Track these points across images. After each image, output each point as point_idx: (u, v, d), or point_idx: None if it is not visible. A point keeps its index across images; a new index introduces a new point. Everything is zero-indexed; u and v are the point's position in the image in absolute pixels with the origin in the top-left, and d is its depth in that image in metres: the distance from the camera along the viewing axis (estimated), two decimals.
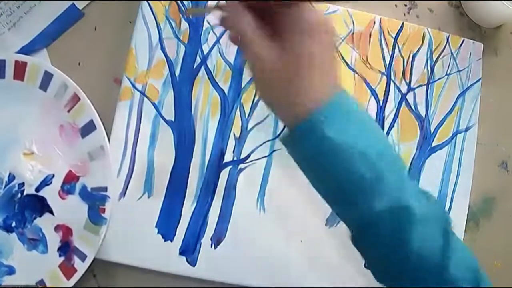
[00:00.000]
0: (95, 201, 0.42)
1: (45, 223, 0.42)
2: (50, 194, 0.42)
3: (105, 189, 0.42)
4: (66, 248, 0.41)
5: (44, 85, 0.42)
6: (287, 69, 0.28)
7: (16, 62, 0.42)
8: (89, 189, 0.42)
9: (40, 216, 0.42)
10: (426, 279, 0.30)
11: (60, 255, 0.41)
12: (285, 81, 0.29)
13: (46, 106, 0.43)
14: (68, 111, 0.42)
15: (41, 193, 0.42)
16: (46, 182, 0.43)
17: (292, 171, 0.45)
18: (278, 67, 0.28)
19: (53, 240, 0.42)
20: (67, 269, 0.41)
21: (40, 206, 0.42)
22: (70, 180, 0.43)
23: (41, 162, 0.43)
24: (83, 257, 0.41)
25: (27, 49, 0.44)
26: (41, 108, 0.43)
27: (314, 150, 0.29)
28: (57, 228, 0.42)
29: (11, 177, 0.42)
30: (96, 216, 0.41)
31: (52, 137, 0.43)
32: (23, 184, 0.42)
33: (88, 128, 0.42)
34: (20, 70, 0.42)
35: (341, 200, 0.31)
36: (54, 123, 0.43)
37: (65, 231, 0.42)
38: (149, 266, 0.42)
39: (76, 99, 0.42)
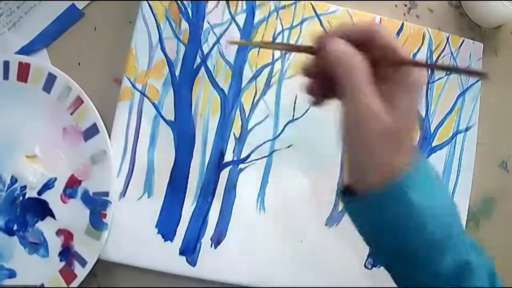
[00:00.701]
0: (97, 206, 0.42)
1: (46, 227, 0.42)
2: (52, 197, 0.42)
3: (107, 194, 0.42)
4: (67, 253, 0.41)
5: (47, 87, 0.42)
6: (395, 129, 0.27)
7: (20, 63, 0.42)
8: (91, 194, 0.42)
9: (42, 219, 0.42)
10: None
11: (61, 260, 0.41)
12: (387, 140, 0.27)
13: (49, 108, 0.43)
14: (71, 113, 0.42)
15: (43, 197, 0.42)
16: (48, 185, 0.42)
17: (292, 171, 0.45)
18: (385, 126, 0.27)
19: (54, 244, 0.42)
20: (68, 274, 0.41)
21: (41, 209, 0.42)
22: (72, 184, 0.42)
23: (44, 165, 0.43)
24: (83, 262, 0.41)
25: (27, 49, 0.44)
26: (44, 110, 0.43)
27: (395, 212, 0.28)
28: (58, 232, 0.42)
29: (13, 180, 0.42)
30: (97, 221, 0.41)
31: (55, 139, 0.43)
32: (25, 187, 0.42)
33: (91, 132, 0.42)
34: (23, 72, 0.42)
35: (406, 258, 0.29)
36: (57, 126, 0.43)
37: (66, 235, 0.42)
38: (149, 266, 0.42)
39: (79, 101, 0.42)
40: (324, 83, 0.31)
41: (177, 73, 0.45)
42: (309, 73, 0.32)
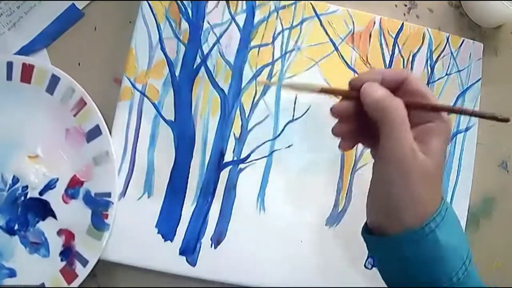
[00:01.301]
0: (98, 206, 0.42)
1: (47, 227, 0.42)
2: (54, 198, 0.42)
3: (109, 194, 0.42)
4: (68, 253, 0.41)
5: (50, 89, 0.42)
6: (433, 171, 0.29)
7: (24, 64, 0.42)
8: (92, 194, 0.42)
9: (43, 219, 0.42)
10: None
11: (61, 260, 0.41)
12: (427, 181, 0.29)
13: (52, 110, 0.42)
14: (74, 115, 0.42)
15: (44, 197, 0.42)
16: (50, 185, 0.42)
17: (292, 171, 0.45)
18: (426, 168, 0.28)
19: (55, 244, 0.42)
20: (68, 274, 0.41)
21: (43, 209, 0.42)
22: (74, 185, 0.42)
23: (46, 165, 0.43)
24: (84, 262, 0.41)
25: (27, 49, 0.44)
26: (47, 111, 0.43)
27: (423, 248, 0.29)
28: (59, 232, 0.42)
29: (15, 180, 0.42)
30: (99, 221, 0.41)
31: (58, 140, 0.43)
32: (26, 187, 0.42)
33: (93, 133, 0.42)
34: (27, 73, 0.42)
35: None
36: (60, 127, 0.43)
37: (67, 235, 0.42)
38: (149, 266, 0.42)
39: (82, 103, 0.42)
40: (356, 126, 0.32)
41: (177, 73, 0.45)
42: (341, 116, 0.32)
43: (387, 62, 0.48)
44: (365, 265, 0.46)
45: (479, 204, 0.49)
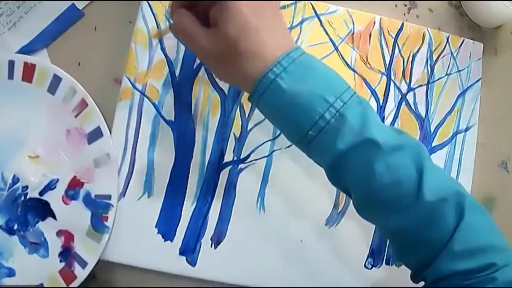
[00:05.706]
0: (98, 208, 0.42)
1: (47, 227, 0.42)
2: (54, 198, 0.42)
3: (109, 197, 0.42)
4: (67, 254, 0.41)
5: (52, 89, 0.42)
6: (226, 47, 0.31)
7: (25, 63, 0.42)
8: (93, 196, 0.42)
9: (43, 220, 0.42)
10: (402, 207, 0.32)
11: (61, 261, 0.41)
12: (229, 58, 0.32)
13: (53, 110, 0.42)
14: (76, 116, 0.42)
15: (44, 197, 0.42)
16: (50, 186, 0.42)
17: (292, 171, 0.45)
18: (218, 48, 0.32)
19: (55, 245, 0.42)
20: (67, 275, 0.41)
21: (43, 210, 0.42)
22: (74, 186, 0.42)
23: (46, 166, 0.43)
24: (83, 264, 0.41)
25: (27, 49, 0.44)
26: (49, 111, 0.43)
27: (276, 105, 0.32)
28: (59, 233, 0.42)
29: (15, 180, 0.42)
30: (98, 223, 0.41)
31: (58, 141, 0.43)
32: (27, 187, 0.42)
33: (95, 135, 0.42)
34: (28, 72, 0.42)
35: (307, 143, 0.32)
36: (61, 127, 0.43)
37: (67, 236, 0.42)
38: (149, 266, 0.42)
39: (84, 104, 0.42)
40: None
41: (177, 73, 0.45)
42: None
43: (387, 62, 0.48)
44: (365, 265, 0.46)
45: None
